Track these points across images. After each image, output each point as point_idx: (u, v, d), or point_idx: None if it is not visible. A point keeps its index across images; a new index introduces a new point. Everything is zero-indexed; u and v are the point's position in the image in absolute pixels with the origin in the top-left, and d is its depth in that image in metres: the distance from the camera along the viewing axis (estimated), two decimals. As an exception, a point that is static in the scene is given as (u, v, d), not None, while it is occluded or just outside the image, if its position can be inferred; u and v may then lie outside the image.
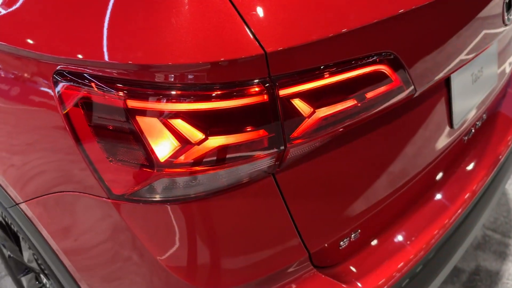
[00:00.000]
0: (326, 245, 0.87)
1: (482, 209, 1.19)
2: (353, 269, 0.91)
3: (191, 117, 0.65)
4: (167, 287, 0.80)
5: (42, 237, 0.92)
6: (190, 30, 0.62)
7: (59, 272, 0.96)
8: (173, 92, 0.65)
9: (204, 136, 0.66)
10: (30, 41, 0.76)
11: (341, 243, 0.90)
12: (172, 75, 0.64)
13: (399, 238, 0.99)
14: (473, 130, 1.23)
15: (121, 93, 0.66)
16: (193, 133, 0.66)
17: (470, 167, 1.16)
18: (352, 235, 0.91)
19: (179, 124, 0.65)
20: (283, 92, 0.67)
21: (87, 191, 0.76)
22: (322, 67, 0.70)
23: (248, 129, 0.68)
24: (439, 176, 1.12)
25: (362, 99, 0.76)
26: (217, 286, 0.79)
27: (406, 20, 0.77)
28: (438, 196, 1.08)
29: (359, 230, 0.92)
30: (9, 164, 0.92)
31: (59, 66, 0.72)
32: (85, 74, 0.69)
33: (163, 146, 0.67)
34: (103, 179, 0.73)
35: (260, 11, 0.64)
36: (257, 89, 0.66)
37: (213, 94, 0.65)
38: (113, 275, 0.86)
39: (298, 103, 0.69)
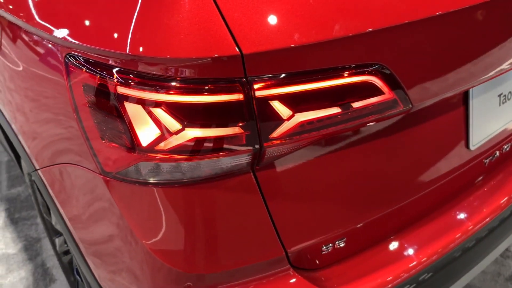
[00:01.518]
0: (306, 247, 0.88)
1: (497, 239, 1.13)
2: (334, 277, 0.91)
3: (170, 108, 0.70)
4: (148, 265, 0.86)
5: (54, 202, 1.03)
6: (174, 26, 0.67)
7: (66, 237, 1.06)
8: (156, 83, 0.70)
9: (181, 127, 0.70)
10: (50, 26, 0.85)
11: (324, 248, 0.90)
12: (155, 67, 0.69)
13: (391, 253, 0.97)
14: (497, 154, 1.16)
15: (113, 79, 0.72)
16: (172, 123, 0.70)
17: (484, 193, 1.10)
18: (337, 242, 0.91)
19: (160, 113, 0.70)
20: (259, 93, 0.70)
21: (85, 165, 0.84)
22: (304, 72, 0.72)
23: (224, 125, 0.71)
24: (446, 197, 1.07)
25: (348, 108, 0.76)
26: (189, 269, 0.83)
27: (401, 32, 0.76)
28: (442, 217, 1.04)
29: (344, 238, 0.92)
30: (30, 134, 1.03)
31: (72, 52, 0.80)
32: (90, 60, 0.76)
33: (146, 132, 0.72)
34: (97, 156, 0.80)
35: (242, 13, 0.67)
36: (232, 88, 0.69)
37: (192, 88, 0.69)
38: (105, 249, 0.94)
39: (277, 105, 0.72)
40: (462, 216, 1.06)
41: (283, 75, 0.70)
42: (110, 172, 0.79)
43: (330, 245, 0.91)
